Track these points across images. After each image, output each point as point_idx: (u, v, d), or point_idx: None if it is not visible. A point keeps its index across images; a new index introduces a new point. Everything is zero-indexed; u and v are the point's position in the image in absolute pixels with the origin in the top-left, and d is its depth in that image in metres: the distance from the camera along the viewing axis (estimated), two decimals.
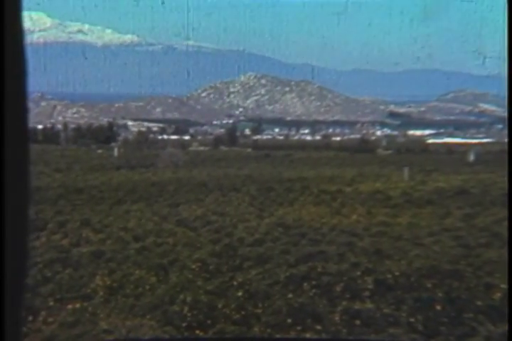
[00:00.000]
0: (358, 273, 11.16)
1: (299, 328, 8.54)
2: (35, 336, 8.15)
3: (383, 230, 16.87)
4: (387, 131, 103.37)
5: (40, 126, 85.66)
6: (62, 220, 18.83)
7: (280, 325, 8.69)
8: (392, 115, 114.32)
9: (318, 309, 9.16)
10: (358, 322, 8.76)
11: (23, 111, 1.35)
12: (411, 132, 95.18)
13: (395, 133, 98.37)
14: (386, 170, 40.16)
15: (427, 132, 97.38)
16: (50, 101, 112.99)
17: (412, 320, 8.81)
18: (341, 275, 10.93)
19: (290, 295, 9.78)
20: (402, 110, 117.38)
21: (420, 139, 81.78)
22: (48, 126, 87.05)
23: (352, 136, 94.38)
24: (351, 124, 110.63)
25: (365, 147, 67.60)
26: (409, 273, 10.96)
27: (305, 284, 10.47)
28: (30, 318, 8.82)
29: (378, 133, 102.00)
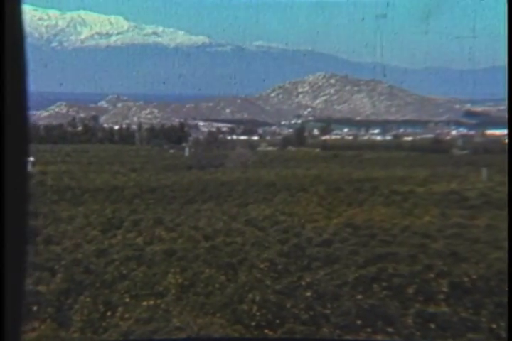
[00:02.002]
0: (432, 275, 10.83)
1: (369, 330, 8.39)
2: (113, 331, 8.44)
3: (459, 232, 16.30)
4: (463, 130, 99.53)
5: (116, 127, 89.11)
6: (137, 219, 19.47)
7: (349, 326, 8.58)
8: (469, 114, 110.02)
9: (390, 311, 8.96)
10: (432, 325, 8.49)
11: (23, 111, 1.33)
12: (489, 131, 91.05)
13: (472, 132, 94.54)
14: (462, 171, 38.75)
15: (507, 131, 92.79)
16: (125, 102, 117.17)
17: (493, 325, 8.41)
18: (413, 277, 10.64)
19: (359, 297, 9.63)
20: (479, 109, 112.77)
21: (499, 139, 77.98)
22: (124, 126, 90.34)
23: (425, 136, 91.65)
24: (424, 124, 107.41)
25: (438, 147, 65.52)
26: (488, 277, 10.50)
27: (375, 285, 10.27)
28: (109, 313, 9.16)
29: (453, 132, 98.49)
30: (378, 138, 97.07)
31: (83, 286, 10.49)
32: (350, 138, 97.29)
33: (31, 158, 39.29)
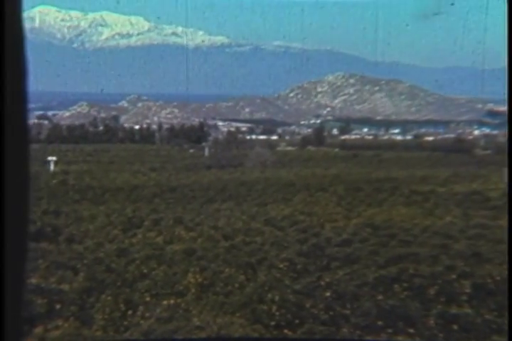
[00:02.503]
0: (454, 276, 10.71)
1: (390, 331, 8.34)
2: (134, 330, 8.52)
3: (481, 233, 16.09)
4: (485, 130, 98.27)
5: (136, 127, 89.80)
6: (157, 218, 19.60)
7: (370, 327, 8.53)
8: (491, 114, 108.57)
9: (411, 312, 8.89)
10: (455, 327, 8.39)
11: (23, 111, 1.32)
12: None
13: (495, 132, 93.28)
14: (484, 171, 38.26)
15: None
16: (145, 102, 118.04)
17: None
18: (435, 278, 10.53)
19: (380, 297, 9.57)
20: (502, 108, 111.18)
21: None
22: (144, 126, 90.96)
23: (446, 136, 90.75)
24: (445, 124, 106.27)
25: (460, 147, 64.77)
26: None
27: (396, 286, 10.20)
28: (130, 312, 9.25)
29: (476, 132, 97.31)
30: (398, 138, 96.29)
31: (105, 285, 10.59)
32: (370, 137, 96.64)
33: (54, 158, 39.85)
